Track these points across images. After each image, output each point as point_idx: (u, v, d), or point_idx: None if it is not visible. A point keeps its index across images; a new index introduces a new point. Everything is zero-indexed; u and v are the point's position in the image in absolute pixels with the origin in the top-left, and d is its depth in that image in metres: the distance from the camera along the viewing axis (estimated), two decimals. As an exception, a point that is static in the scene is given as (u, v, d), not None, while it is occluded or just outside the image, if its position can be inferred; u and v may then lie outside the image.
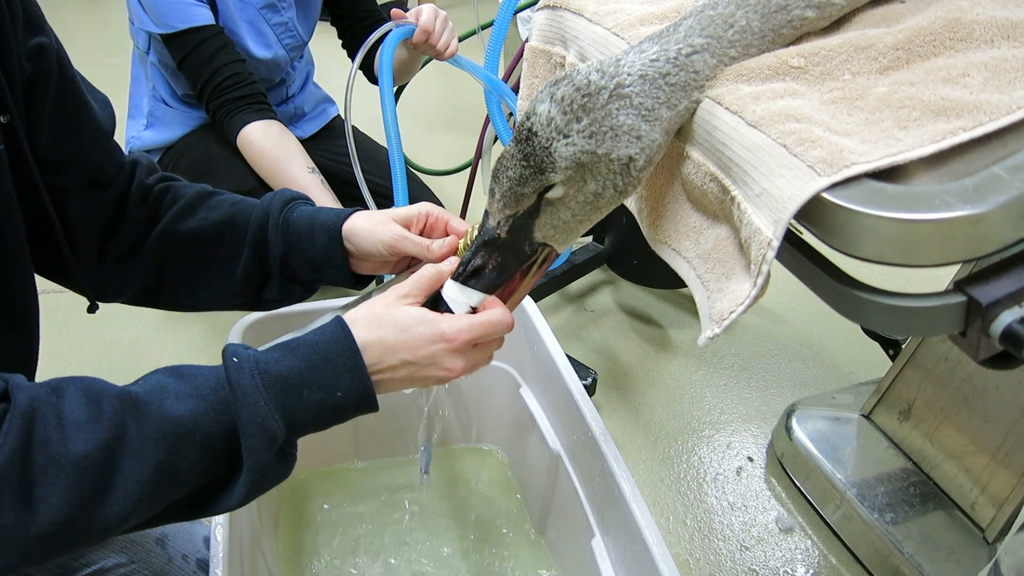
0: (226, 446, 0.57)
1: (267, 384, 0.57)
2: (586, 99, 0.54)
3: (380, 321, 0.63)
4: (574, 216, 0.60)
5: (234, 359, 0.58)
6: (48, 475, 0.50)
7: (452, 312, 0.65)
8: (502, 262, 0.64)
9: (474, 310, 0.65)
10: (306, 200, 0.82)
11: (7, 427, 0.50)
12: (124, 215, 0.78)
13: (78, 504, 0.51)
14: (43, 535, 0.50)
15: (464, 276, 0.65)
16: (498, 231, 0.63)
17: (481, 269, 0.65)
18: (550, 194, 0.58)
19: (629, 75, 0.54)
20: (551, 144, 0.54)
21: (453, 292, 0.66)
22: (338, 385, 0.60)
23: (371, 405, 0.62)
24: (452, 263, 0.69)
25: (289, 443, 0.61)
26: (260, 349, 0.60)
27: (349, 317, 0.64)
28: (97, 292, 0.80)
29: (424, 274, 0.67)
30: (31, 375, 0.71)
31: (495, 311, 0.64)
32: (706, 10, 0.56)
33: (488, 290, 0.65)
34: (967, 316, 0.45)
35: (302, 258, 0.78)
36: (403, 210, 0.78)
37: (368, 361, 0.61)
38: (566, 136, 0.54)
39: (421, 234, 0.77)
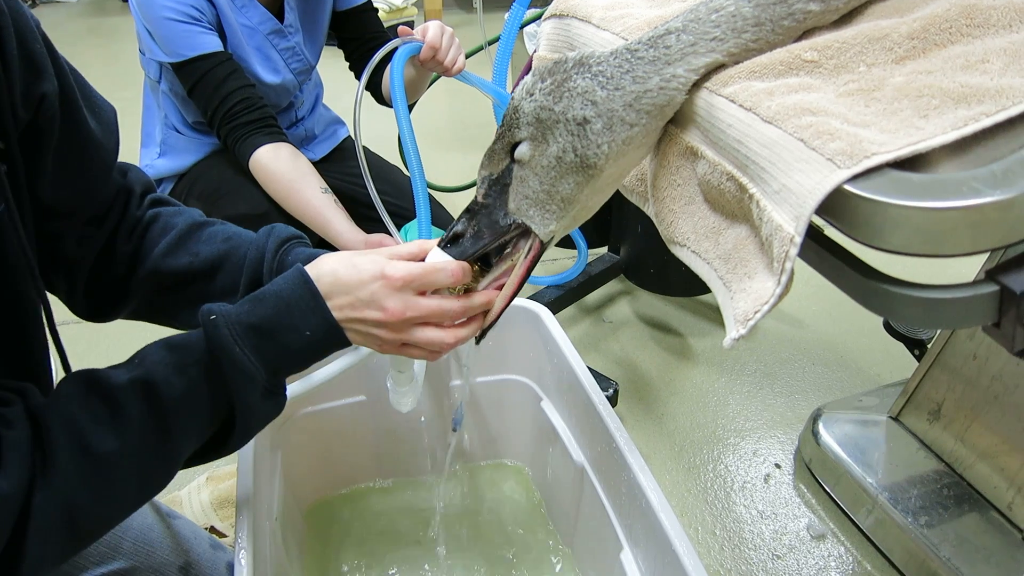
0: (223, 403, 0.65)
1: (240, 334, 0.64)
2: (555, 64, 0.59)
3: (341, 258, 0.68)
4: (541, 184, 0.62)
5: (211, 317, 0.64)
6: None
7: None
8: (478, 231, 0.67)
9: None
10: (302, 240, 0.83)
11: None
12: (114, 249, 0.78)
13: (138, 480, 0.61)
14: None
15: (445, 241, 0.68)
16: (477, 194, 0.66)
17: (460, 236, 0.67)
18: (518, 153, 0.61)
19: (601, 52, 0.58)
20: (520, 103, 0.59)
21: (433, 257, 0.69)
22: (306, 326, 0.66)
23: (341, 339, 0.68)
24: (436, 239, 0.72)
25: (273, 383, 0.68)
26: (234, 304, 0.66)
27: (316, 260, 0.69)
28: (87, 316, 0.81)
29: (408, 244, 0.72)
30: (47, 381, 0.72)
31: (438, 257, 0.68)
32: (699, 5, 0.56)
33: (460, 257, 0.67)
34: (1001, 306, 0.44)
35: None
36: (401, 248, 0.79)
37: (322, 291, 0.66)
38: (531, 94, 0.59)
39: None
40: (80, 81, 0.70)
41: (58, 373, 0.70)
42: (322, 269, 0.67)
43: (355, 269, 0.67)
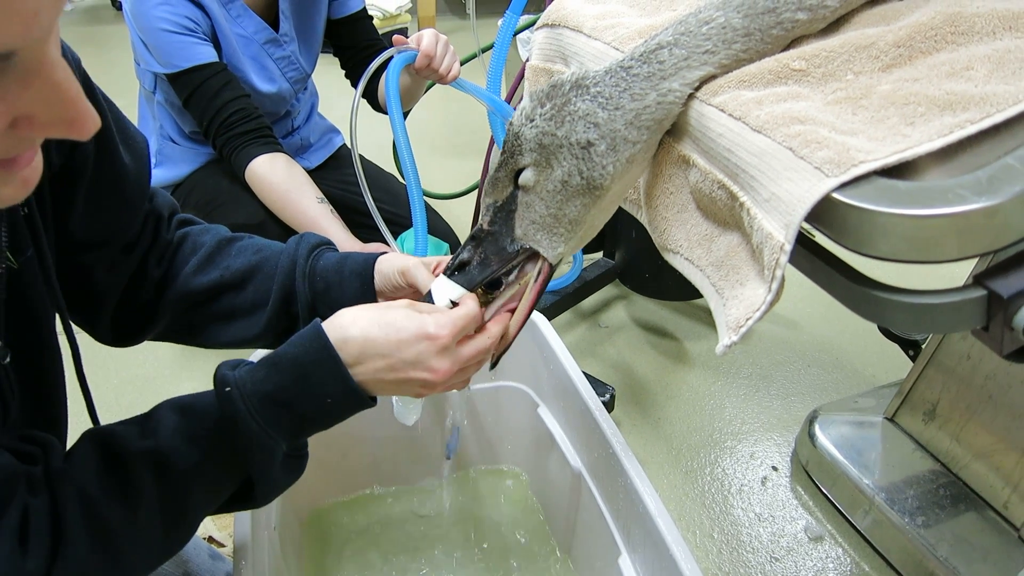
0: (239, 472, 0.63)
1: (256, 407, 0.61)
2: (552, 88, 0.58)
3: (370, 318, 0.64)
4: (548, 208, 0.61)
5: (226, 389, 0.61)
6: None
7: (433, 302, 0.67)
8: (485, 258, 0.66)
9: (454, 304, 0.67)
10: (331, 246, 0.83)
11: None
12: (144, 274, 0.78)
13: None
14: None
15: (451, 270, 0.67)
16: (482, 222, 0.65)
17: (467, 263, 0.67)
18: (522, 179, 0.61)
19: (595, 71, 0.58)
20: (520, 129, 0.59)
21: (438, 285, 0.67)
22: (325, 393, 0.62)
23: (363, 403, 0.64)
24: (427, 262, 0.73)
25: (294, 448, 0.65)
26: (250, 368, 0.63)
27: (338, 316, 0.65)
28: (112, 341, 0.81)
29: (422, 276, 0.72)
30: (64, 434, 0.71)
31: (470, 304, 0.66)
32: (688, 16, 0.57)
33: (469, 286, 0.66)
34: (988, 310, 0.45)
35: (330, 306, 0.78)
36: (427, 257, 0.79)
37: (350, 358, 0.62)
38: (532, 120, 0.58)
39: None
40: (116, 114, 0.70)
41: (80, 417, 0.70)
42: (350, 332, 0.63)
43: (391, 329, 0.62)
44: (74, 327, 0.71)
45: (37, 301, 0.61)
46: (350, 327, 0.63)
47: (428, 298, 0.68)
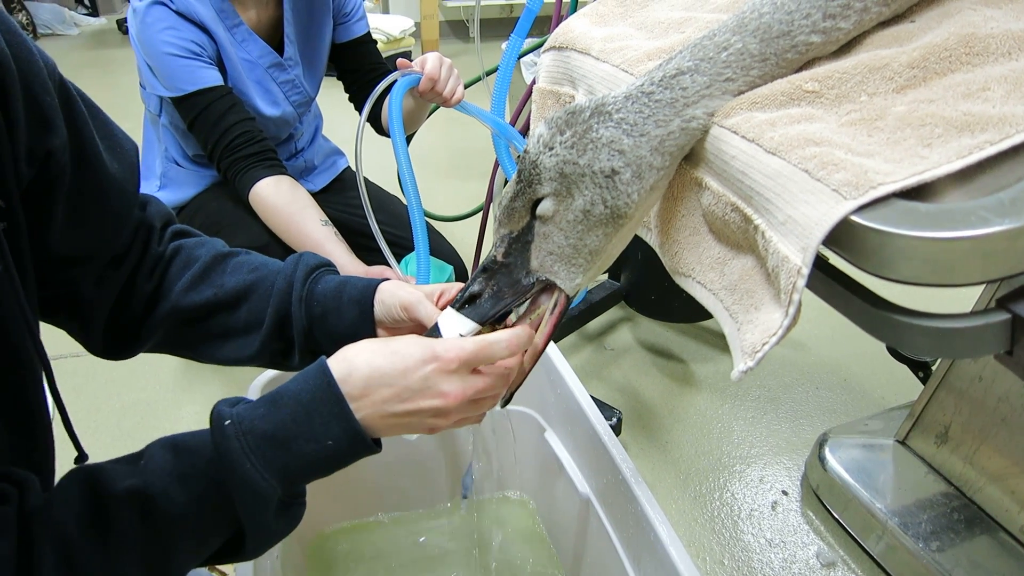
0: (230, 518, 0.58)
1: (251, 445, 0.57)
2: (570, 115, 0.57)
3: (375, 347, 0.61)
4: (567, 239, 0.59)
5: (225, 423, 0.58)
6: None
7: (440, 336, 0.64)
8: (498, 290, 0.64)
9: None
10: (330, 268, 0.81)
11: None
12: (133, 288, 0.75)
13: None
14: None
15: (460, 303, 0.65)
16: (495, 253, 0.63)
17: (477, 296, 0.64)
18: (540, 209, 0.59)
19: (614, 97, 0.57)
20: (538, 158, 0.57)
21: (447, 319, 0.65)
22: (327, 435, 0.59)
23: (366, 449, 0.61)
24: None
25: (290, 495, 0.61)
26: (249, 405, 0.60)
27: (343, 350, 0.62)
28: (106, 354, 0.79)
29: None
30: (51, 470, 0.68)
31: (490, 335, 0.63)
32: (703, 40, 0.56)
33: (481, 319, 0.64)
34: (1013, 334, 0.44)
35: (327, 332, 0.76)
36: (430, 286, 0.77)
37: (355, 391, 0.59)
38: (551, 148, 0.57)
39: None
40: (100, 120, 0.67)
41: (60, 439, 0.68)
42: (355, 363, 0.60)
43: (398, 356, 0.60)
44: (61, 345, 0.68)
45: (10, 321, 0.57)
46: (355, 358, 0.60)
47: (435, 331, 0.65)
